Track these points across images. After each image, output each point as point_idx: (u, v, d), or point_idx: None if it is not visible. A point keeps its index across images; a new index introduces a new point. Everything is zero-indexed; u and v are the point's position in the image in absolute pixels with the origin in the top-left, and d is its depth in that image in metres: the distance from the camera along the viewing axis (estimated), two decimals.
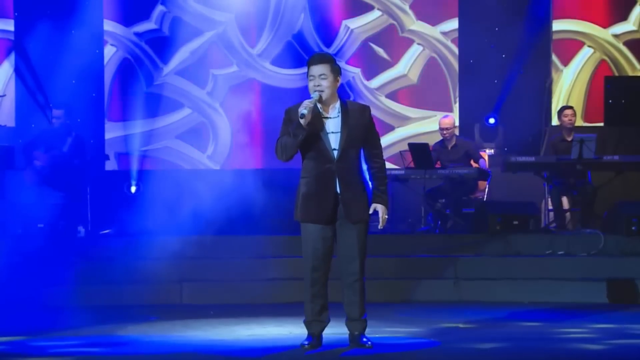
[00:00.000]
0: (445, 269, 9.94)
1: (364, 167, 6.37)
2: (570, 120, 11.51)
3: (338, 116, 6.25)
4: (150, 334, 7.45)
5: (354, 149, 6.27)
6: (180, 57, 13.55)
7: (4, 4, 13.40)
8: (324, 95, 6.20)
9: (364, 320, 6.42)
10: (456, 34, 13.70)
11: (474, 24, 13.56)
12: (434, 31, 13.76)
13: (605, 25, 13.76)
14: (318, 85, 6.19)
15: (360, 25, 13.74)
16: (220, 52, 13.61)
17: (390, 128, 13.68)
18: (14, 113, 13.23)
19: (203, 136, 13.62)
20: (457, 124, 12.53)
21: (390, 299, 9.46)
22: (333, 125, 6.24)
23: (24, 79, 13.22)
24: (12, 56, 13.30)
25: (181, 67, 13.56)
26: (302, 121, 6.08)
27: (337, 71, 6.29)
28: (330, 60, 6.27)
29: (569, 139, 11.32)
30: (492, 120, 13.42)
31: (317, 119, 6.22)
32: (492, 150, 12.89)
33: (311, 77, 6.23)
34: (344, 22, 13.71)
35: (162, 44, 13.56)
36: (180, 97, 13.64)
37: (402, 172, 11.56)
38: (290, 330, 7.34)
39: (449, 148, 11.78)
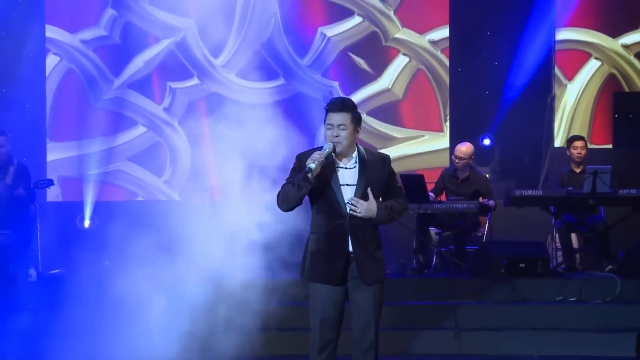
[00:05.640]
0: (445, 318, 9.55)
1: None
2: (580, 153, 11.01)
3: (355, 167, 5.93)
4: None
5: None
6: (133, 67, 12.89)
7: None
8: (340, 148, 5.88)
9: None
10: (447, 43, 13.07)
11: (465, 33, 12.98)
12: (422, 40, 13.11)
13: (615, 35, 13.12)
14: (336, 136, 5.86)
15: (339, 33, 13.07)
16: (179, 63, 12.95)
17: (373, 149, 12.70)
18: None
19: (159, 159, 12.95)
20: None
21: (383, 352, 8.49)
22: (349, 177, 5.91)
23: None
24: None
25: (134, 80, 12.92)
26: (308, 175, 5.74)
27: (357, 121, 5.93)
28: (352, 109, 5.90)
29: (578, 171, 10.97)
30: (487, 141, 12.92)
31: (330, 169, 5.87)
32: (487, 175, 12.16)
33: (329, 126, 5.90)
34: (320, 29, 13.06)
35: (112, 53, 12.98)
36: (133, 113, 12.95)
37: None
38: None
39: (460, 180, 11.06)
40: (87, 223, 12.29)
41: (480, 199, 10.88)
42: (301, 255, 6.08)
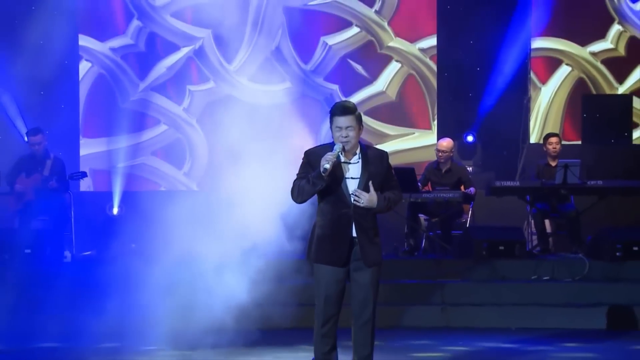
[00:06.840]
0: (433, 295, 9.93)
1: None
2: (555, 148, 11.47)
3: (358, 162, 6.27)
4: None
5: None
6: (156, 72, 13.42)
7: None
8: (349, 146, 6.22)
9: None
10: (435, 51, 13.60)
11: (451, 41, 13.50)
12: (413, 48, 13.65)
13: (583, 43, 13.80)
14: (346, 137, 6.17)
15: (339, 42, 13.60)
16: (197, 68, 13.46)
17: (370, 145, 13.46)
18: None
19: (179, 153, 13.44)
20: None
21: (378, 325, 8.85)
22: (353, 170, 6.25)
23: None
24: None
25: (157, 83, 13.41)
26: (323, 174, 6.10)
27: (360, 120, 6.30)
28: (355, 110, 6.26)
29: (554, 164, 11.34)
30: (470, 138, 13.39)
31: (337, 165, 6.21)
32: (470, 168, 12.81)
33: (337, 129, 6.19)
34: (322, 38, 13.58)
35: (138, 60, 13.45)
36: (156, 113, 13.45)
37: None
38: None
39: (443, 171, 11.53)
40: (115, 210, 12.68)
41: (462, 188, 11.37)
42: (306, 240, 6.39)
